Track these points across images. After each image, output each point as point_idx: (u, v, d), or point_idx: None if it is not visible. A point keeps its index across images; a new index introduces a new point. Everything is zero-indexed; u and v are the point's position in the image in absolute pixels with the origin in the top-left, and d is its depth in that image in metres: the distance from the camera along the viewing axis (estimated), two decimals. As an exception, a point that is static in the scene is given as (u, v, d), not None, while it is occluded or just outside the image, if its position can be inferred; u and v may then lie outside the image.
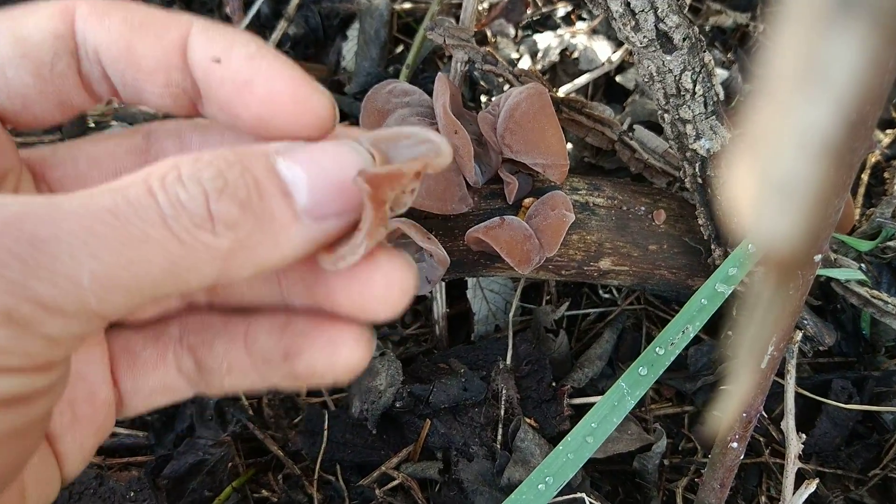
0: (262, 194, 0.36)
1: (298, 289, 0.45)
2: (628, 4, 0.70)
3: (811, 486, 0.68)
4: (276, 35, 1.13)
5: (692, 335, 0.60)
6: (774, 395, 0.90)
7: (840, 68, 0.10)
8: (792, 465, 0.69)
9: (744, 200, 0.12)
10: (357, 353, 0.41)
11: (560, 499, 0.78)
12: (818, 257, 0.45)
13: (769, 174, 0.12)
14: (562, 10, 1.23)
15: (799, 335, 0.76)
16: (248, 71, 0.39)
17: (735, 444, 0.59)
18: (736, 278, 0.63)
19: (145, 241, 0.33)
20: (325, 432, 0.89)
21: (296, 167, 0.37)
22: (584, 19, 1.22)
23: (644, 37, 0.70)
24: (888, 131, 1.03)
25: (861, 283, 0.80)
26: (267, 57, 0.40)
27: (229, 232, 0.35)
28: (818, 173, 0.11)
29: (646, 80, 0.74)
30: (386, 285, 0.40)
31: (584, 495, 0.75)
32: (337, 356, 0.41)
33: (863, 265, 0.84)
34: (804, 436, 0.74)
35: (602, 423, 0.59)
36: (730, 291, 0.63)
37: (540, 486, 0.58)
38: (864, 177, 0.96)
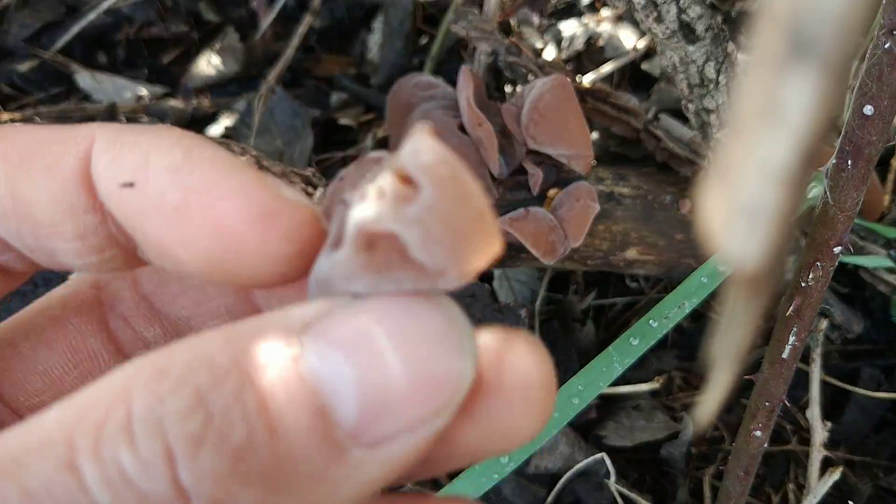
0: (277, 429, 0.20)
1: None
2: (650, -5, 0.70)
3: (835, 474, 0.68)
4: (302, 29, 1.14)
5: (688, 311, 0.60)
6: (803, 383, 0.89)
7: (794, 106, 0.11)
8: (817, 453, 0.69)
9: (715, 224, 0.13)
10: None
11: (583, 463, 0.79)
12: (838, 249, 0.45)
13: (736, 200, 0.13)
14: (587, -3, 1.23)
15: (824, 323, 0.76)
16: (176, 192, 0.25)
17: (759, 433, 0.59)
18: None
19: None
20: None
21: (334, 354, 0.21)
22: (608, 5, 1.22)
23: (666, 28, 0.70)
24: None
25: (889, 270, 0.80)
26: (202, 163, 0.25)
27: None
28: (777, 198, 0.12)
29: (669, 70, 0.74)
30: (525, 382, 0.24)
31: (609, 469, 0.76)
32: None
33: (892, 252, 0.83)
34: (830, 424, 0.74)
35: (588, 387, 0.60)
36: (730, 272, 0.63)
37: None
38: (894, 163, 0.95)
